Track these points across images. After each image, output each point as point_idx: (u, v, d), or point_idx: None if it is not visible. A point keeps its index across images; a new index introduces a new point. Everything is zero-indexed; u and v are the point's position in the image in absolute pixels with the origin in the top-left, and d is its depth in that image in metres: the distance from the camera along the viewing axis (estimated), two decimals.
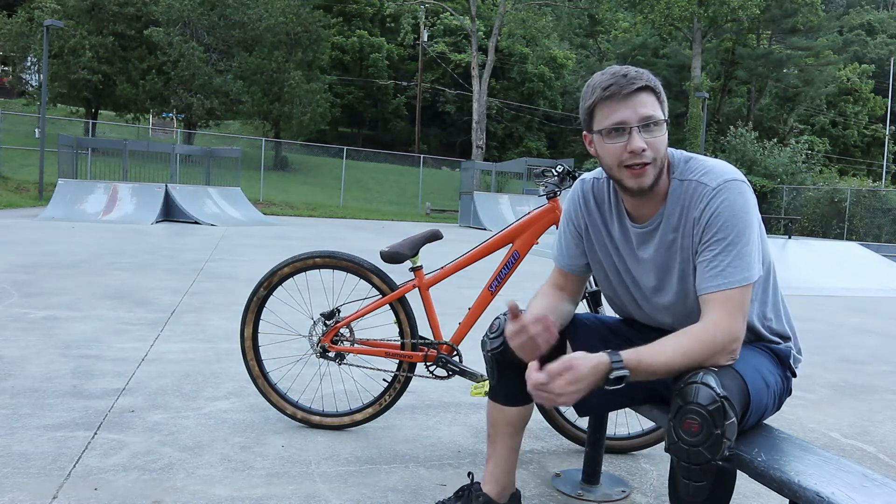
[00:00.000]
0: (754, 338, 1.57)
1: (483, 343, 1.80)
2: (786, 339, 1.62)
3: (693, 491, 1.32)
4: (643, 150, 1.43)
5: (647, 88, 1.44)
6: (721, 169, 1.49)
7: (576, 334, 1.73)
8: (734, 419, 1.29)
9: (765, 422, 1.56)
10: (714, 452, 1.27)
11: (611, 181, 1.62)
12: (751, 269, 1.43)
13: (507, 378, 1.72)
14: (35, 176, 19.83)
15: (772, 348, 1.59)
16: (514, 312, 1.46)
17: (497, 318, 1.80)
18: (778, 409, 1.59)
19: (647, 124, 1.43)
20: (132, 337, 3.76)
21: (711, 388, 1.29)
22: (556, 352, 1.47)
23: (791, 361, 1.61)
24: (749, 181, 1.52)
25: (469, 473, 1.86)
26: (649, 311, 1.66)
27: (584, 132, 1.54)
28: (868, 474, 1.28)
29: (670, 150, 1.55)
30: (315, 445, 2.34)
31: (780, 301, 1.63)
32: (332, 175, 28.81)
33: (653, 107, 1.44)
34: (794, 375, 1.64)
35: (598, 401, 1.72)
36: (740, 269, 1.42)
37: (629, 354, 1.35)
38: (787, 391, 1.61)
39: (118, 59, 27.80)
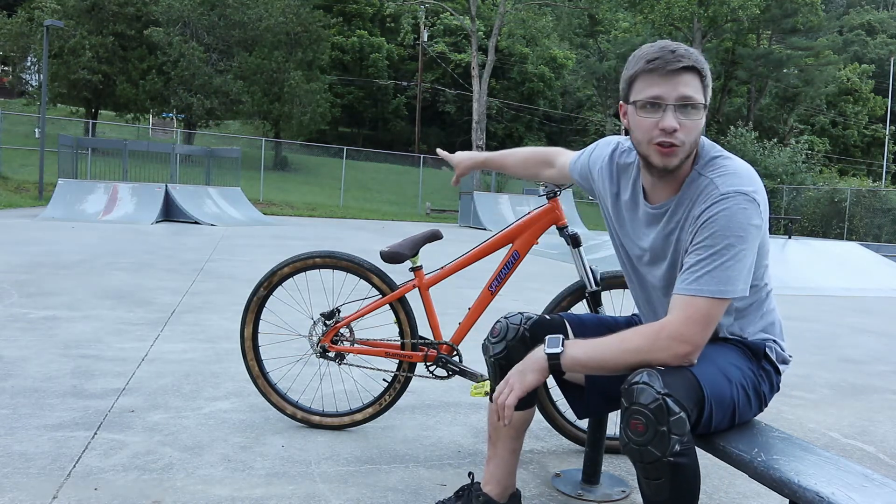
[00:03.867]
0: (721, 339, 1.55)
1: (485, 348, 1.79)
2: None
3: (654, 489, 1.33)
4: (674, 131, 1.38)
5: (692, 69, 1.38)
6: (740, 177, 1.41)
7: (576, 336, 1.73)
8: (681, 415, 1.28)
9: (764, 422, 1.56)
10: (663, 449, 1.28)
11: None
12: (730, 283, 1.36)
13: None
14: (35, 176, 19.81)
15: (744, 342, 1.55)
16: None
17: (498, 321, 1.80)
18: (764, 404, 1.55)
19: (683, 105, 1.38)
20: (132, 337, 3.76)
21: (652, 386, 1.29)
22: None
23: (769, 353, 1.55)
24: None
25: (469, 473, 1.86)
26: (639, 278, 1.68)
27: (621, 101, 1.50)
28: (868, 474, 1.28)
29: (703, 140, 1.49)
30: (315, 445, 2.34)
31: (777, 323, 1.59)
32: (332, 175, 28.81)
33: (694, 88, 1.38)
34: (778, 371, 1.58)
35: (597, 402, 1.73)
36: (717, 282, 1.36)
37: (569, 343, 1.47)
38: (769, 385, 1.55)
39: (118, 59, 27.80)
